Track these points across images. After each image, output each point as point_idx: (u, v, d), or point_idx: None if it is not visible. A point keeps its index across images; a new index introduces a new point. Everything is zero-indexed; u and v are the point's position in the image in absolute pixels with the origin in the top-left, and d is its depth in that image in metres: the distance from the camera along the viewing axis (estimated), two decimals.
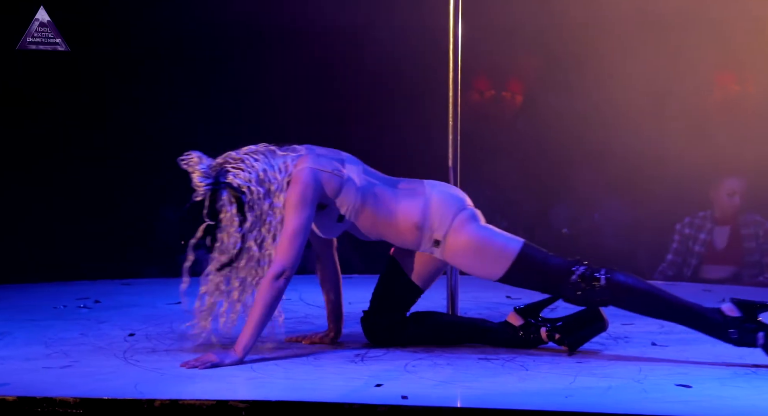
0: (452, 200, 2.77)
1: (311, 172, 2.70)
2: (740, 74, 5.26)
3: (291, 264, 2.66)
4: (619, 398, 2.28)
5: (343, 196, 2.73)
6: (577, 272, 2.67)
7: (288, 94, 5.47)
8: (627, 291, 2.65)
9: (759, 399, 2.24)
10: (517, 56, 5.50)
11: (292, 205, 2.68)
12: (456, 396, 2.36)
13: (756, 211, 4.72)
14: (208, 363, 2.60)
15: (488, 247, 2.70)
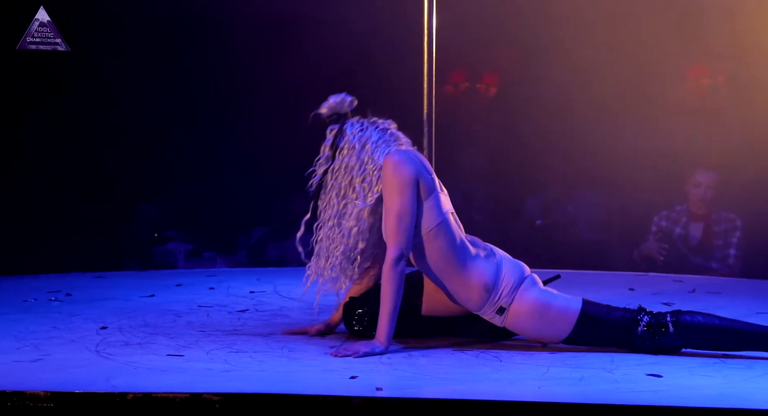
0: (518, 267, 2.76)
1: (413, 154, 2.72)
2: (712, 66, 5.31)
3: (405, 245, 2.65)
4: (592, 388, 2.30)
5: (427, 206, 2.69)
6: (643, 322, 2.67)
7: (259, 87, 5.43)
8: (697, 330, 2.64)
9: (727, 388, 2.28)
10: (492, 49, 5.51)
11: (395, 186, 2.66)
12: (430, 387, 2.36)
13: (731, 208, 4.76)
14: (360, 352, 2.62)
15: (550, 310, 2.68)
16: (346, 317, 2.91)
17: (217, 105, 5.49)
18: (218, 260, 5.35)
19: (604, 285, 3.87)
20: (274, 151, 5.57)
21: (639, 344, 2.66)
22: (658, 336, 2.64)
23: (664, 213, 4.83)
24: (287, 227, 5.46)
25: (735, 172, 4.78)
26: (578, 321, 2.67)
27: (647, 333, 2.65)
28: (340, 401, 2.17)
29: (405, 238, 2.66)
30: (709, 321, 2.64)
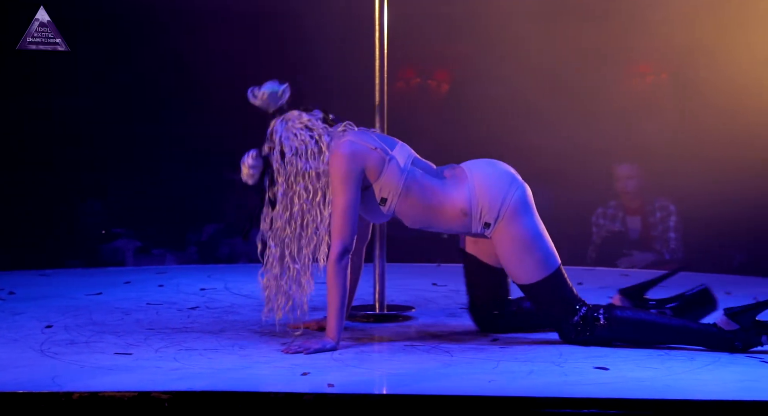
0: (497, 181, 2.72)
1: (350, 144, 2.67)
2: (658, 64, 5.42)
3: (349, 240, 2.65)
4: (540, 381, 2.33)
5: (385, 178, 2.68)
6: (579, 313, 2.70)
7: (209, 82, 5.37)
8: (626, 324, 2.68)
9: (671, 380, 2.33)
10: (444, 45, 5.54)
11: (337, 182, 2.66)
12: (382, 383, 2.37)
13: (666, 196, 4.87)
14: (311, 349, 2.61)
15: (535, 250, 2.69)
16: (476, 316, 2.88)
17: (166, 98, 5.41)
18: (168, 257, 5.28)
19: None
20: (225, 146, 5.51)
21: (565, 331, 2.70)
22: (589, 329, 2.68)
23: (599, 210, 4.91)
24: (239, 223, 5.42)
25: (677, 165, 4.88)
26: (551, 275, 2.69)
27: (579, 326, 2.68)
28: (291, 398, 2.16)
29: (349, 233, 2.66)
30: (638, 315, 2.70)
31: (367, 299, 3.40)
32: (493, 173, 2.74)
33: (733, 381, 2.32)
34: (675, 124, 5.07)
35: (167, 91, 5.41)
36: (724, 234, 4.92)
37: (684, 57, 5.18)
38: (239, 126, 5.52)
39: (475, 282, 2.86)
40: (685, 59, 5.18)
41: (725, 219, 4.84)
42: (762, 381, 2.31)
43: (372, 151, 2.69)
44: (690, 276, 3.53)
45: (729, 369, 2.44)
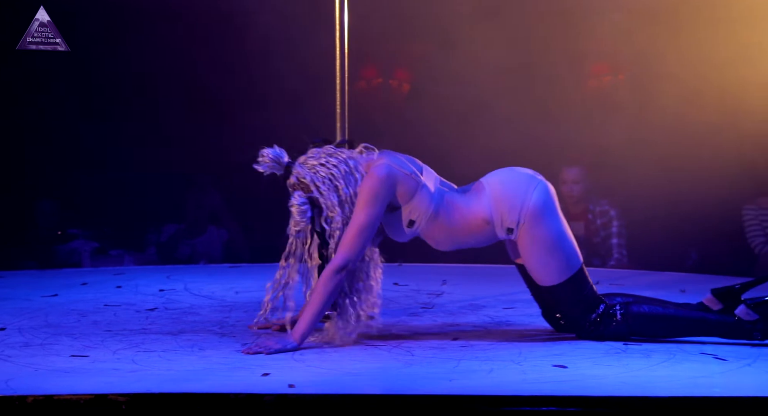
0: (514, 186, 2.73)
1: (387, 167, 2.70)
2: (616, 65, 5.51)
3: (354, 258, 2.67)
4: (500, 380, 2.35)
5: (416, 202, 2.71)
6: (598, 311, 2.72)
7: (166, 80, 5.31)
8: (642, 318, 2.71)
9: (627, 376, 2.37)
10: (405, 44, 5.56)
11: (363, 200, 2.68)
12: (343, 384, 2.37)
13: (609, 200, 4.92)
14: (272, 349, 2.60)
15: (557, 252, 2.71)
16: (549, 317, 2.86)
17: (123, 96, 5.34)
18: (126, 258, 5.21)
19: (514, 278, 3.96)
20: (184, 144, 5.46)
21: (581, 328, 2.73)
22: (605, 325, 2.71)
23: None
24: (199, 223, 5.37)
25: (632, 164, 4.96)
26: (572, 277, 2.71)
27: (596, 322, 2.72)
28: (251, 399, 2.15)
29: (358, 251, 2.68)
30: (655, 310, 2.73)
31: None
32: (510, 179, 2.78)
33: (687, 378, 2.36)
34: (631, 124, 5.15)
35: (125, 88, 5.34)
36: (678, 233, 5.01)
37: (639, 58, 5.27)
38: (198, 124, 5.50)
39: (535, 287, 2.83)
40: (640, 61, 5.27)
41: (679, 218, 4.94)
42: (714, 378, 2.36)
43: (406, 176, 2.72)
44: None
45: (684, 365, 2.49)
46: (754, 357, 2.56)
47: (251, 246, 5.41)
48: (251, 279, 4.05)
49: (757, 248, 4.96)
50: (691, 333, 2.74)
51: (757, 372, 2.42)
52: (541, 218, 2.71)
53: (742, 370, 2.43)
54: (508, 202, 2.72)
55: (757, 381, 2.33)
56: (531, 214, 2.71)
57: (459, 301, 3.44)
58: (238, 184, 5.47)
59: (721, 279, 3.74)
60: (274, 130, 5.42)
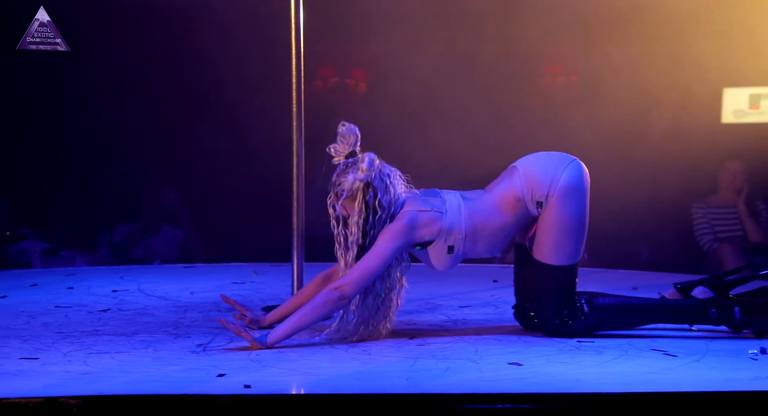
0: (545, 161, 2.77)
1: (412, 215, 2.74)
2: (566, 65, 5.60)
3: (356, 285, 2.69)
4: (457, 378, 2.36)
5: (446, 230, 2.74)
6: (570, 308, 2.76)
7: (121, 75, 5.23)
8: (609, 310, 2.76)
9: (581, 373, 2.40)
10: (362, 43, 5.56)
11: (387, 235, 2.72)
12: (300, 383, 2.36)
13: None
14: (243, 335, 2.61)
15: (575, 235, 2.73)
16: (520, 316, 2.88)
17: (74, 92, 5.24)
18: (78, 258, 5.12)
19: (470, 277, 3.99)
20: (138, 140, 5.38)
21: (550, 324, 2.76)
22: (574, 321, 2.75)
23: None
24: (154, 223, 5.30)
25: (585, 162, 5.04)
26: (573, 265, 2.75)
27: (565, 320, 2.76)
28: (207, 399, 2.12)
29: (362, 285, 2.70)
30: (618, 300, 2.79)
31: (285, 298, 3.38)
32: (543, 157, 2.82)
33: (638, 374, 2.40)
34: (583, 124, 5.24)
35: (76, 85, 5.24)
36: (630, 231, 5.11)
37: (592, 59, 5.36)
38: (152, 120, 5.42)
39: (525, 276, 2.86)
40: (593, 62, 5.36)
41: (632, 216, 5.03)
42: (664, 373, 2.41)
43: (427, 215, 2.74)
44: None
45: (635, 361, 2.53)
46: (702, 352, 2.62)
47: (207, 246, 5.36)
48: (207, 280, 4.01)
49: (706, 246, 5.09)
50: (657, 320, 2.80)
51: (705, 367, 2.47)
52: (572, 195, 2.75)
53: (690, 366, 2.48)
54: (538, 176, 2.76)
55: (706, 376, 2.39)
56: (561, 189, 2.74)
57: (416, 300, 3.45)
58: (194, 183, 5.41)
59: (672, 277, 3.81)
60: (231, 129, 5.39)
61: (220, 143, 5.37)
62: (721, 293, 2.80)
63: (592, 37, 5.28)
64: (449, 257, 2.79)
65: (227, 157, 5.37)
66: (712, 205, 5.11)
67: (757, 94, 5.29)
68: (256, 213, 5.24)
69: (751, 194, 5.07)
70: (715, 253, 5.02)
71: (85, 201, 5.26)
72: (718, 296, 2.79)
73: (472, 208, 2.78)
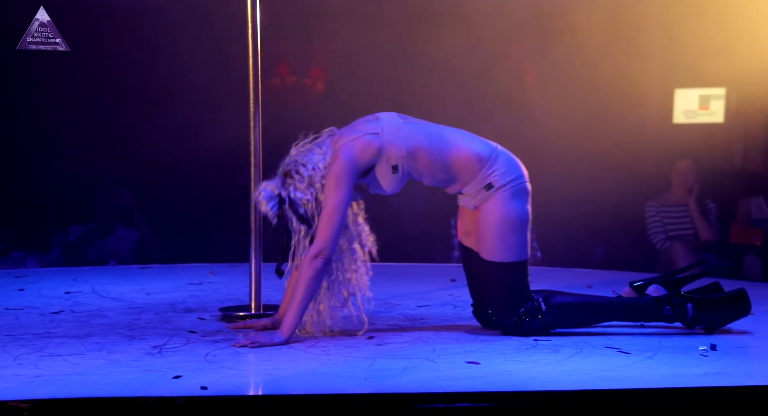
0: (519, 162, 2.83)
1: (345, 148, 2.72)
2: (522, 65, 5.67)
3: (328, 243, 2.68)
4: (415, 377, 2.37)
5: (387, 150, 2.73)
6: (526, 305, 2.78)
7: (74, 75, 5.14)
8: (566, 308, 2.79)
9: (537, 372, 2.43)
10: (320, 42, 5.55)
11: (331, 185, 2.70)
12: (257, 384, 2.34)
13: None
14: (257, 344, 2.63)
15: (519, 233, 2.76)
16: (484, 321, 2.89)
17: (28, 92, 5.14)
18: (29, 260, 5.02)
19: (428, 276, 4.01)
20: (92, 141, 5.30)
21: (507, 323, 2.78)
22: (532, 319, 2.78)
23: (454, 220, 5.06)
24: (108, 223, 5.21)
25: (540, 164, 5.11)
26: (521, 261, 2.78)
27: (523, 318, 2.78)
28: (162, 402, 2.10)
29: (330, 236, 2.69)
30: (575, 299, 2.83)
31: (243, 299, 3.36)
32: (517, 158, 2.87)
33: (593, 371, 2.43)
34: (537, 124, 5.31)
35: (29, 83, 5.14)
36: (584, 231, 5.19)
37: (546, 60, 5.43)
38: (106, 119, 5.34)
39: (476, 276, 2.88)
40: (547, 62, 5.44)
41: (585, 216, 5.11)
42: (618, 371, 2.45)
43: (365, 139, 2.73)
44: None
45: (590, 359, 2.57)
46: (655, 349, 2.67)
47: (164, 246, 5.29)
48: (163, 281, 3.97)
49: (658, 244, 5.19)
50: (612, 318, 2.85)
51: (657, 364, 2.52)
52: (520, 198, 2.80)
53: (643, 363, 2.53)
54: (509, 164, 2.80)
55: (658, 373, 2.43)
56: (515, 189, 2.78)
57: (374, 300, 3.44)
58: (150, 182, 5.35)
59: (625, 275, 3.88)
60: (187, 127, 5.34)
61: (177, 142, 5.32)
62: (673, 291, 2.86)
63: (546, 37, 5.35)
64: (395, 177, 2.79)
65: (184, 156, 5.32)
66: (663, 203, 5.21)
67: (707, 95, 5.43)
68: (214, 213, 5.20)
69: (701, 193, 5.18)
70: (668, 252, 5.12)
71: (36, 201, 5.16)
72: (671, 294, 2.85)
73: (415, 131, 2.79)
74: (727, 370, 2.43)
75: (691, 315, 2.82)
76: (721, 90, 5.41)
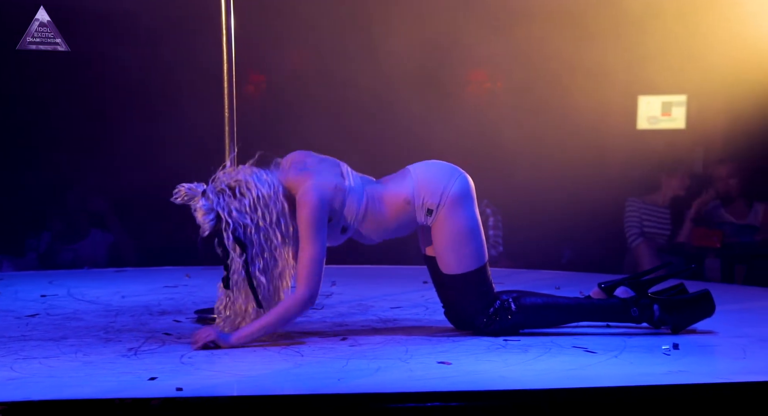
0: (438, 170, 2.83)
1: (317, 192, 2.69)
2: (491, 72, 5.74)
3: (317, 289, 2.71)
4: (388, 378, 2.41)
5: (346, 209, 2.75)
6: (495, 305, 2.82)
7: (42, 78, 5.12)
8: (536, 309, 2.84)
9: (507, 371, 2.48)
10: (291, 48, 5.58)
11: (309, 230, 2.68)
12: (232, 385, 2.37)
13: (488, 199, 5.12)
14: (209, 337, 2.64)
15: (471, 241, 2.79)
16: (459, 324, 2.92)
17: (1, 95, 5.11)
18: (4, 263, 4.99)
19: (401, 278, 4.05)
20: (66, 146, 5.28)
21: (478, 324, 2.83)
22: (502, 319, 2.83)
23: None
24: (82, 227, 5.20)
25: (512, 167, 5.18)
26: (479, 268, 2.82)
27: (494, 318, 2.83)
28: (137, 403, 2.12)
29: (318, 281, 2.72)
30: (544, 300, 2.88)
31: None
32: (435, 165, 2.88)
33: (561, 370, 2.49)
34: (508, 129, 5.37)
35: (2, 87, 5.11)
36: (553, 233, 5.27)
37: (517, 63, 5.51)
38: (80, 125, 5.32)
39: (440, 283, 2.92)
40: (518, 66, 5.51)
41: (554, 219, 5.19)
42: (584, 369, 2.51)
43: (335, 191, 2.73)
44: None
45: (558, 358, 2.62)
46: (620, 349, 2.73)
47: (138, 250, 5.29)
48: (138, 284, 3.97)
49: (631, 238, 5.27)
50: (581, 319, 2.90)
51: (623, 363, 2.58)
52: (461, 205, 2.81)
53: (609, 362, 2.59)
54: (431, 185, 2.81)
55: (623, 371, 2.49)
56: (451, 199, 2.80)
57: (348, 302, 3.50)
58: (125, 187, 5.34)
59: (593, 276, 3.95)
60: (160, 133, 5.34)
61: (152, 147, 5.32)
62: (641, 292, 2.93)
63: (514, 44, 5.42)
64: (340, 236, 2.83)
65: (158, 160, 5.32)
66: (648, 202, 5.29)
67: (669, 101, 5.55)
68: (189, 217, 5.19)
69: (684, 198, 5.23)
70: (633, 251, 5.21)
71: (10, 205, 5.13)
72: (638, 295, 2.92)
73: (368, 194, 2.82)
74: (690, 369, 2.49)
75: (658, 317, 2.89)
76: (683, 97, 5.53)
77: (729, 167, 5.10)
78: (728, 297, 3.51)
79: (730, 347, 2.76)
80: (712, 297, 2.92)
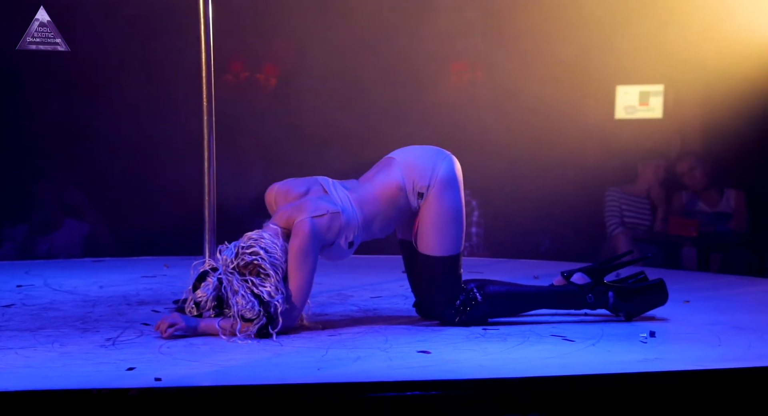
0: (424, 153, 2.85)
1: (310, 223, 2.70)
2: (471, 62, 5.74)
3: (295, 320, 2.75)
4: (367, 367, 2.42)
5: (347, 227, 2.76)
6: (461, 297, 2.84)
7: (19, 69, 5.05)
8: (501, 298, 2.86)
9: (485, 360, 2.50)
10: (271, 39, 5.55)
11: (296, 260, 2.70)
12: (211, 375, 2.37)
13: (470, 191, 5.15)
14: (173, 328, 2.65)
15: (455, 225, 2.82)
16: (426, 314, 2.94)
17: None
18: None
19: (380, 268, 4.06)
20: (43, 135, 5.22)
21: (446, 315, 2.85)
22: (470, 309, 2.84)
23: None
24: (56, 217, 5.15)
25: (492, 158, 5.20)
26: (458, 254, 2.84)
27: (461, 309, 2.85)
28: (115, 393, 2.11)
29: (298, 311, 2.75)
30: (508, 288, 2.91)
31: None
32: (421, 149, 2.90)
33: (539, 359, 2.51)
34: (488, 118, 5.39)
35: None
36: (531, 222, 5.30)
37: (495, 54, 5.52)
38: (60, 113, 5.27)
39: (415, 270, 2.92)
40: (496, 57, 5.52)
41: (532, 207, 5.22)
42: (563, 358, 2.53)
43: (329, 218, 2.73)
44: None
45: (536, 347, 2.65)
46: (598, 337, 2.76)
47: (116, 240, 5.25)
48: (116, 274, 3.95)
49: (611, 228, 5.32)
50: (542, 306, 2.94)
51: (599, 351, 2.61)
52: (449, 187, 2.84)
53: (587, 350, 2.61)
54: (419, 168, 2.83)
55: (601, 359, 2.52)
56: (441, 181, 2.83)
57: (327, 292, 3.50)
58: (103, 176, 5.30)
59: (572, 265, 3.96)
60: (140, 121, 5.30)
61: (130, 136, 5.27)
62: (596, 279, 2.96)
63: (494, 34, 5.43)
64: (349, 251, 2.85)
65: (137, 150, 5.28)
66: (627, 192, 5.34)
67: (647, 91, 5.60)
68: (167, 206, 5.17)
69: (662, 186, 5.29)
70: (612, 240, 5.26)
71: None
72: (594, 282, 2.95)
73: (359, 199, 2.83)
74: (665, 356, 2.53)
75: (612, 303, 2.93)
76: (660, 87, 5.58)
77: (690, 160, 5.19)
78: (704, 285, 3.55)
79: (705, 334, 2.80)
80: (666, 287, 2.96)
